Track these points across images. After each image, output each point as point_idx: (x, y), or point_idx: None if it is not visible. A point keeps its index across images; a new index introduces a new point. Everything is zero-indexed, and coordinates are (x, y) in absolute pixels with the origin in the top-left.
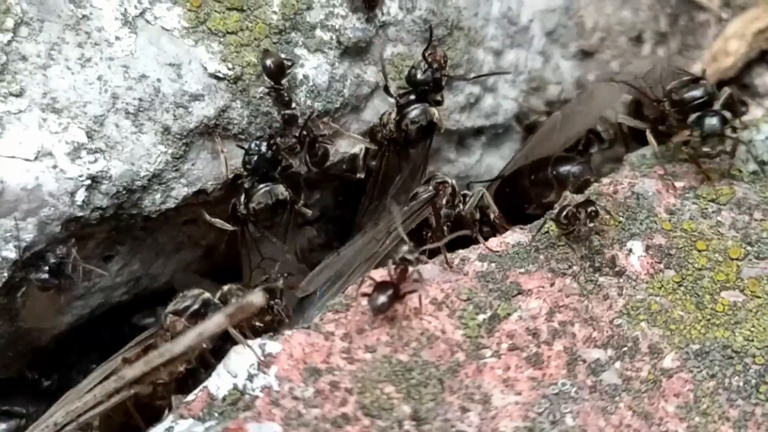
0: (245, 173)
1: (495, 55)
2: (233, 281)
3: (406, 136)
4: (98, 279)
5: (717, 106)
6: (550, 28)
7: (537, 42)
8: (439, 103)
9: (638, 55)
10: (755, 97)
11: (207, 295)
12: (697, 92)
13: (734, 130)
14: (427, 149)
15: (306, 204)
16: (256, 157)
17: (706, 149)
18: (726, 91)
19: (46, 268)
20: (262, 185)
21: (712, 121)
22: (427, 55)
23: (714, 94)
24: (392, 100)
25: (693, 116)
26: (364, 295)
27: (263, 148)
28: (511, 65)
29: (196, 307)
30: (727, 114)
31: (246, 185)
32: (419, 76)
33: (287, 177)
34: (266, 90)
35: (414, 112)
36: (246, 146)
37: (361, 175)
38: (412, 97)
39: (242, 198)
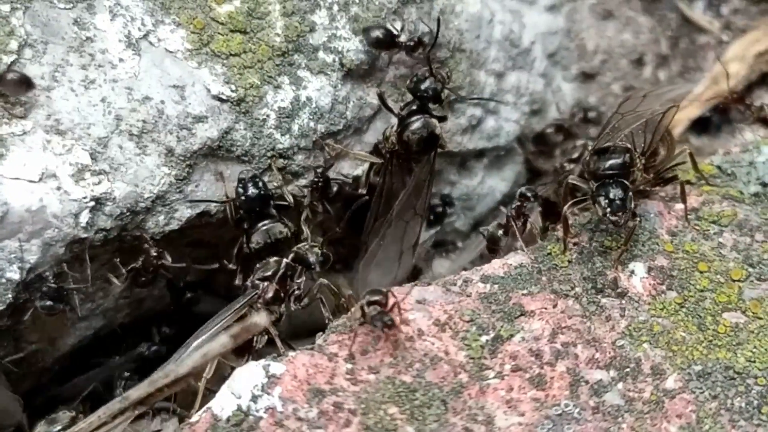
0: (242, 215)
1: (497, 77)
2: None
3: (407, 148)
4: (101, 300)
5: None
6: (552, 50)
7: (538, 64)
8: (442, 119)
9: (639, 77)
10: None
11: (285, 260)
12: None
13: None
14: (432, 164)
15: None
16: (245, 199)
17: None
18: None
19: (47, 294)
20: (260, 224)
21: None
22: (432, 67)
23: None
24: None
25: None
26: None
27: (250, 189)
28: (513, 87)
29: (282, 271)
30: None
31: (245, 225)
32: (422, 85)
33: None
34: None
35: (415, 123)
36: (236, 187)
37: (363, 191)
38: (414, 107)
39: (243, 238)
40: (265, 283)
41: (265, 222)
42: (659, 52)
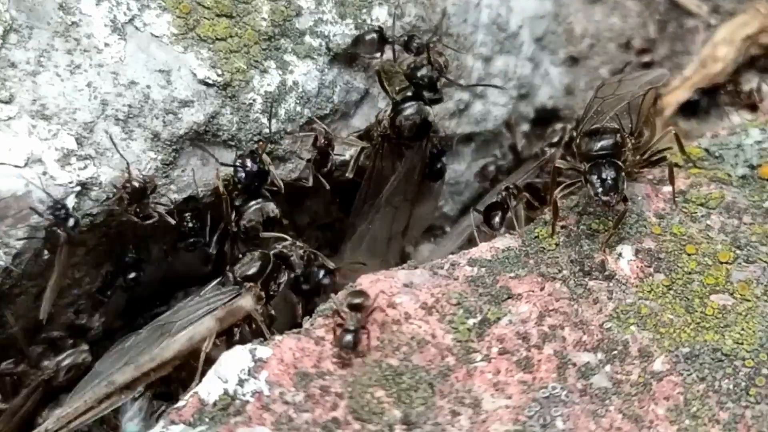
0: (235, 191)
1: (484, 61)
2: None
3: (399, 133)
4: (88, 286)
5: None
6: (539, 34)
7: (526, 48)
8: (437, 102)
9: (627, 61)
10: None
11: (271, 254)
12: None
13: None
14: (424, 150)
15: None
16: (244, 174)
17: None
18: None
19: None
20: (252, 202)
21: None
22: (431, 53)
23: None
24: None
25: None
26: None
27: (249, 164)
28: (501, 71)
29: (269, 269)
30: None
31: (237, 202)
32: (418, 72)
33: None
34: None
35: (409, 109)
36: (234, 163)
37: (350, 175)
38: (408, 94)
39: (233, 215)
40: (249, 284)
41: (258, 200)
42: (647, 36)
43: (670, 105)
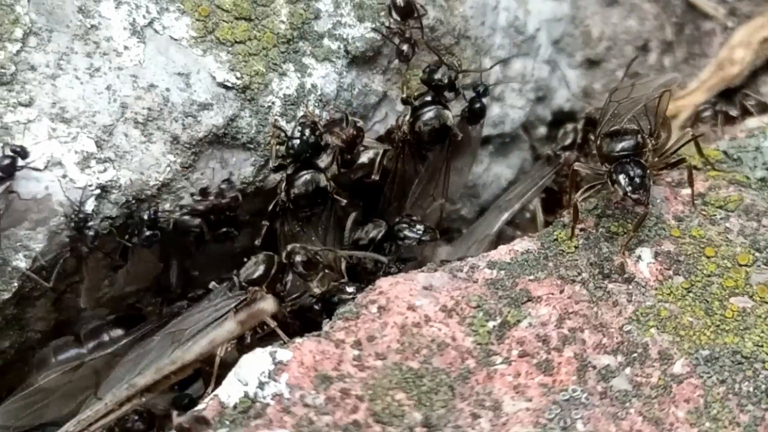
0: (287, 159)
1: (502, 63)
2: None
3: (419, 138)
4: (107, 289)
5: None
6: (557, 37)
7: (543, 51)
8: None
9: (644, 64)
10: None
11: (276, 258)
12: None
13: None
14: (447, 151)
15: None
16: (299, 142)
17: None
18: None
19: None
20: (304, 171)
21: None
22: (441, 55)
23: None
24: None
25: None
26: None
27: (307, 133)
28: (518, 74)
29: (273, 273)
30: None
31: (288, 171)
32: (435, 74)
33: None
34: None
35: (428, 114)
36: (288, 132)
37: (376, 177)
38: (428, 98)
39: (283, 185)
40: (254, 288)
41: (310, 170)
42: (664, 39)
43: (687, 108)
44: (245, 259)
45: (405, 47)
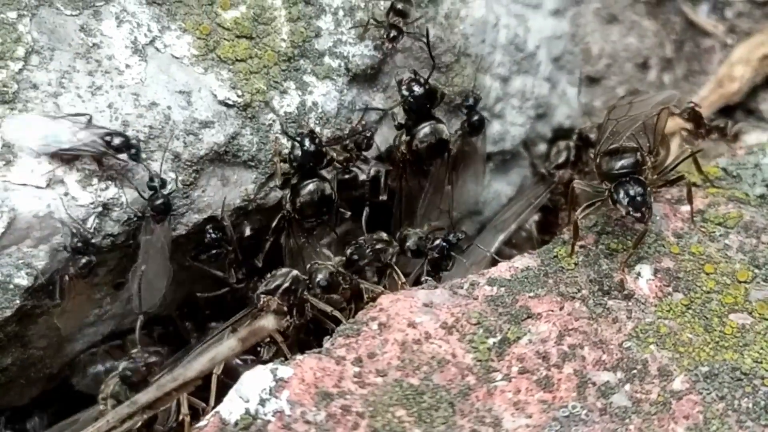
0: (291, 170)
1: (502, 81)
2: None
3: (418, 156)
4: (109, 306)
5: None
6: (557, 54)
7: (544, 68)
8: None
9: (644, 81)
10: (761, 122)
11: (296, 272)
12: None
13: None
14: (447, 162)
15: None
16: (300, 152)
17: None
18: None
19: None
20: (308, 181)
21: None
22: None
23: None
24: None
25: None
26: None
27: (307, 143)
28: (518, 92)
29: (287, 285)
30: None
31: (293, 181)
32: (412, 92)
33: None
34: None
35: (423, 131)
36: (291, 142)
37: (383, 197)
38: (417, 116)
39: (288, 197)
40: (267, 297)
41: (314, 179)
42: (664, 56)
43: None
44: (267, 276)
45: (393, 32)
